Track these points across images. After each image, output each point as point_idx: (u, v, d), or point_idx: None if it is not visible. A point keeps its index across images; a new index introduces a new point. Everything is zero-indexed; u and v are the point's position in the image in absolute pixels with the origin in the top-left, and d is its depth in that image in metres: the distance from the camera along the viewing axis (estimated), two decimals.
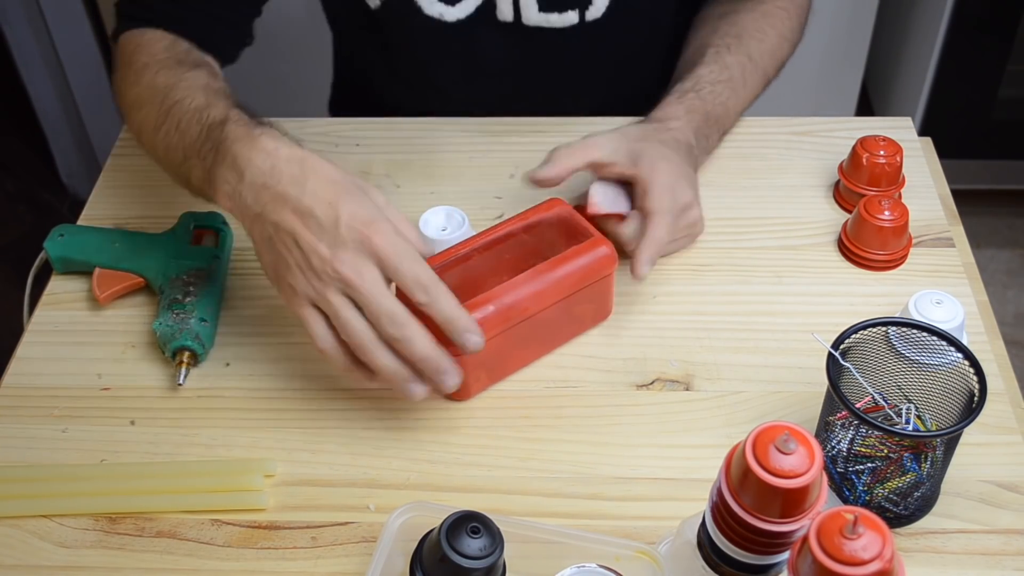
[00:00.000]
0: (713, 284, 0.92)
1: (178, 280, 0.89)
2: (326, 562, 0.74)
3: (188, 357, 0.85)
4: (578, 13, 1.03)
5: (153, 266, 0.91)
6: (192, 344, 0.85)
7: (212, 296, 0.89)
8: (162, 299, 0.88)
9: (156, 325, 0.86)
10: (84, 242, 0.93)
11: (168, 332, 0.85)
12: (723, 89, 0.98)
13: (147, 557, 0.75)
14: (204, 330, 0.86)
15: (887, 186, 0.95)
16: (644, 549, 0.67)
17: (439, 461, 0.80)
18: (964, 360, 0.70)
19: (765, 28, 1.03)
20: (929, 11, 1.99)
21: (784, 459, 0.53)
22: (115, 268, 0.91)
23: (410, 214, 0.98)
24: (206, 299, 0.88)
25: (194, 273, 0.89)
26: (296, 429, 0.82)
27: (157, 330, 0.85)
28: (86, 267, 0.92)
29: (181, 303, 0.87)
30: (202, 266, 0.90)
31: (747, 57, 1.00)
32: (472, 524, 0.63)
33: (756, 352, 0.86)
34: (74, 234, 0.94)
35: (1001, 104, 2.03)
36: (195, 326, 0.85)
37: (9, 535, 0.76)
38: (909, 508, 0.74)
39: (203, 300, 0.88)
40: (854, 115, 2.13)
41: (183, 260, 0.90)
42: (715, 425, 0.81)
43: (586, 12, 1.03)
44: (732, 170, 1.03)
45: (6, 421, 0.84)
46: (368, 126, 1.09)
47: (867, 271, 0.93)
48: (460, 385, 0.75)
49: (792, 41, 1.06)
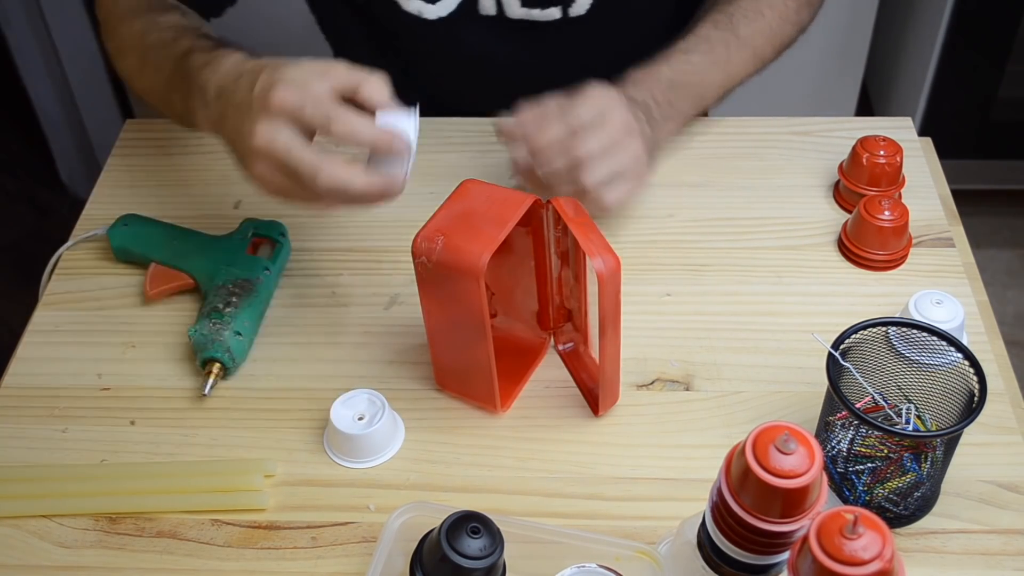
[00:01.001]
0: (713, 284, 0.92)
1: (223, 288, 0.87)
2: (326, 562, 0.74)
3: (217, 369, 0.84)
4: (561, 9, 1.03)
5: (204, 269, 0.90)
6: (222, 357, 0.84)
7: (253, 309, 0.88)
8: (204, 305, 0.87)
9: (192, 332, 0.85)
10: (146, 235, 0.93)
11: (202, 341, 0.84)
12: (699, 60, 0.96)
13: (147, 557, 0.75)
14: (237, 344, 0.85)
15: (887, 186, 0.95)
16: (644, 549, 0.67)
17: (439, 461, 0.80)
18: (964, 360, 0.70)
19: (762, 9, 1.01)
20: (929, 11, 1.99)
21: (784, 459, 0.53)
22: (169, 265, 0.91)
23: (410, 213, 0.98)
24: (246, 312, 0.87)
25: (240, 283, 0.88)
26: (296, 429, 0.82)
27: (192, 336, 0.85)
28: (143, 260, 0.91)
29: (220, 312, 0.85)
30: (250, 277, 0.89)
31: (733, 35, 0.98)
32: (472, 524, 0.63)
33: (756, 352, 0.86)
34: (137, 225, 0.94)
35: (1001, 104, 2.03)
36: (229, 339, 0.84)
37: (9, 535, 0.76)
38: (909, 508, 0.74)
39: (243, 313, 0.86)
40: (854, 115, 2.13)
41: (233, 268, 0.89)
42: (715, 425, 0.81)
43: (569, 8, 1.03)
44: (732, 170, 1.03)
45: (6, 421, 0.84)
46: None
47: (867, 271, 0.93)
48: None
49: (797, 23, 1.03)
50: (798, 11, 1.03)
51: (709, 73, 0.97)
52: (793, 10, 1.03)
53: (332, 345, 0.88)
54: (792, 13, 1.02)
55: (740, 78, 1.00)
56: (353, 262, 0.95)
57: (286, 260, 0.94)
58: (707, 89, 0.97)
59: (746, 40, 0.99)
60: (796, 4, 1.03)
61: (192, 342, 0.85)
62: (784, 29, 1.02)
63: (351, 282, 0.93)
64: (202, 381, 0.84)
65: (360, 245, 0.96)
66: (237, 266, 0.90)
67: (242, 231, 0.93)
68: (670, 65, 0.95)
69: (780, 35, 1.02)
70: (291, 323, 0.90)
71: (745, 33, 0.99)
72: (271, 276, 0.91)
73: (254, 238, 0.93)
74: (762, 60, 1.01)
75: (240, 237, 0.92)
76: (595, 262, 0.71)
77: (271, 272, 0.91)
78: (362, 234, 0.98)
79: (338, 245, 0.97)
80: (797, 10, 1.03)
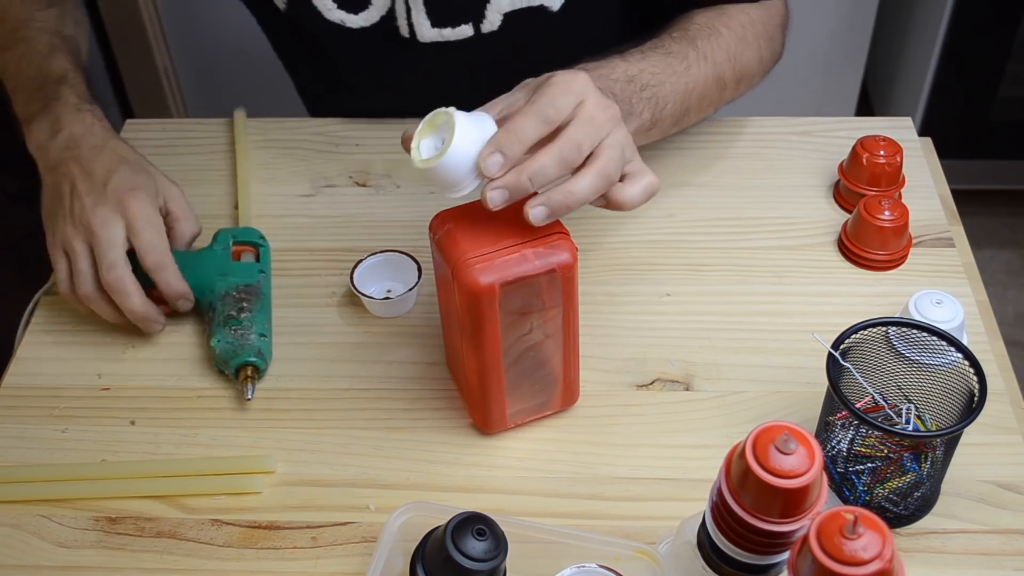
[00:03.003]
0: (713, 284, 0.92)
1: (229, 296, 0.87)
2: (326, 562, 0.74)
3: (252, 371, 0.84)
4: (472, 27, 1.00)
5: (198, 284, 0.89)
6: (256, 360, 0.84)
7: (265, 311, 0.88)
8: (215, 316, 0.87)
9: (215, 343, 0.85)
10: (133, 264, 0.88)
11: (229, 349, 0.84)
12: (657, 62, 0.88)
13: (147, 557, 0.75)
14: (264, 344, 0.85)
15: (887, 186, 0.95)
16: (644, 549, 0.67)
17: (439, 461, 0.80)
18: (964, 360, 0.70)
19: (718, 27, 0.94)
20: (929, 11, 1.99)
21: (784, 459, 0.53)
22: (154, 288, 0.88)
23: (411, 214, 0.99)
24: (261, 314, 0.87)
25: (244, 289, 0.88)
26: (296, 429, 0.82)
27: (216, 347, 0.84)
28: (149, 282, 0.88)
29: (237, 319, 0.86)
30: (251, 282, 0.89)
31: (692, 47, 0.91)
32: (478, 526, 0.63)
33: (756, 352, 0.86)
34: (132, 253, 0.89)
35: (1001, 104, 2.03)
36: (256, 341, 0.85)
37: (9, 535, 0.76)
38: (909, 508, 0.74)
39: (259, 315, 0.87)
40: (854, 115, 2.13)
41: (229, 277, 0.89)
42: (715, 425, 0.81)
43: (481, 25, 1.00)
44: (732, 170, 1.03)
45: (6, 421, 0.84)
46: (368, 126, 1.09)
47: (867, 271, 0.93)
48: None
49: (756, 51, 0.97)
50: (756, 39, 0.97)
51: (668, 78, 0.88)
52: (752, 36, 0.96)
53: (332, 345, 0.88)
54: (751, 39, 0.96)
55: (698, 95, 0.92)
56: (353, 262, 0.95)
57: (270, 262, 0.94)
58: (665, 97, 0.88)
59: (705, 53, 0.92)
60: (754, 32, 0.97)
61: (216, 353, 0.85)
62: (743, 52, 0.95)
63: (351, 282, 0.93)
64: (241, 387, 0.84)
65: (360, 245, 0.96)
66: (232, 274, 0.89)
67: (221, 241, 0.92)
68: (626, 61, 0.86)
69: (739, 57, 0.95)
70: (291, 323, 0.90)
71: (704, 47, 0.92)
72: (267, 278, 0.91)
73: (235, 245, 0.92)
74: (721, 80, 0.93)
75: (222, 247, 0.92)
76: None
77: (266, 274, 0.91)
78: (362, 234, 0.98)
79: (338, 245, 0.97)
80: (756, 38, 0.97)
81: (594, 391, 0.84)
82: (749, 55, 0.96)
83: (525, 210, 0.70)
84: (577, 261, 0.71)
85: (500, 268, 0.69)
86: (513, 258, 0.69)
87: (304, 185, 1.03)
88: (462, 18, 1.00)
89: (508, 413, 0.79)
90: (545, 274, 0.70)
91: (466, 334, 0.73)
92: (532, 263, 0.70)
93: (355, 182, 1.03)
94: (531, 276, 0.70)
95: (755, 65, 0.97)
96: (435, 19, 1.00)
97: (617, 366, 0.86)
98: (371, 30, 1.01)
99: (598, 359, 0.86)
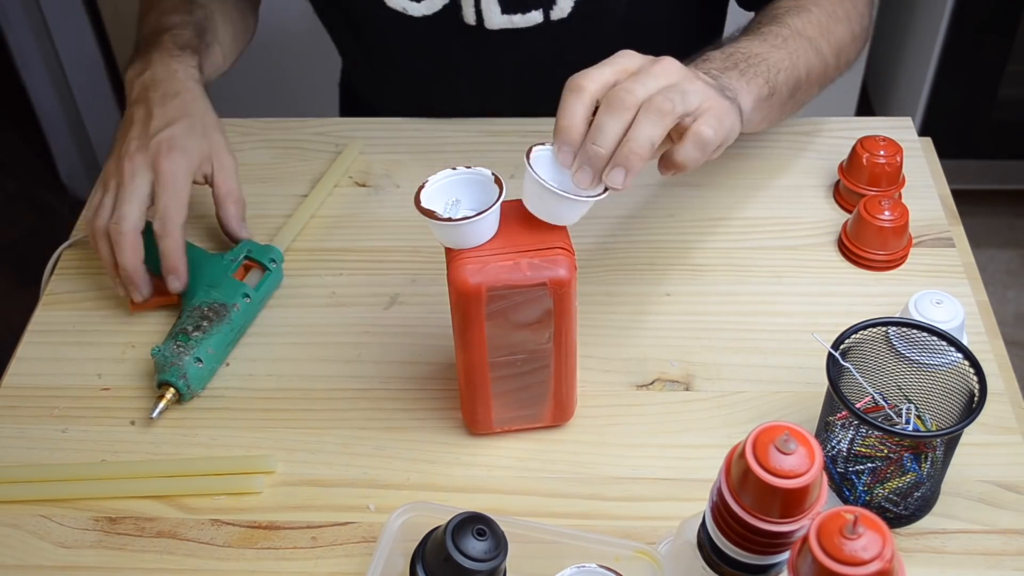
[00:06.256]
0: (713, 284, 0.92)
1: (197, 310, 0.86)
2: (326, 562, 0.74)
3: (171, 394, 0.82)
4: (542, 12, 1.01)
5: (189, 286, 0.88)
6: (177, 383, 0.82)
7: (222, 337, 0.85)
8: (175, 324, 0.86)
9: (155, 351, 0.83)
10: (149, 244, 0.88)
11: (161, 361, 0.82)
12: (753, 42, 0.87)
13: (147, 557, 0.75)
14: (195, 371, 0.82)
15: (887, 186, 0.95)
16: (644, 549, 0.67)
17: (439, 461, 0.80)
18: (964, 360, 0.70)
19: (806, 5, 0.93)
20: (929, 11, 1.99)
21: (784, 459, 0.53)
22: (159, 276, 0.88)
23: (411, 214, 0.98)
24: (213, 339, 0.84)
25: (215, 307, 0.86)
26: (296, 429, 0.82)
27: (154, 355, 0.83)
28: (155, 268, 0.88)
29: (187, 335, 0.84)
30: (226, 302, 0.86)
31: (784, 26, 0.90)
32: (478, 526, 0.63)
33: (756, 352, 0.86)
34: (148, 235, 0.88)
35: (1001, 104, 2.03)
36: (187, 365, 0.82)
37: (9, 535, 0.76)
38: (909, 508, 0.74)
39: (209, 339, 0.84)
40: (854, 115, 2.13)
41: (214, 290, 0.87)
42: (715, 425, 0.81)
43: (551, 11, 1.01)
44: (732, 170, 1.03)
45: (6, 421, 0.84)
46: (368, 126, 1.09)
47: (867, 271, 0.93)
48: None
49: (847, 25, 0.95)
50: (847, 15, 0.96)
51: (769, 52, 0.86)
52: (842, 12, 0.96)
53: (332, 345, 0.88)
54: (841, 15, 0.95)
55: (804, 66, 0.90)
56: (353, 262, 0.95)
57: (274, 287, 0.91)
58: (773, 64, 0.85)
59: (798, 29, 0.90)
60: (844, 9, 0.96)
61: (154, 361, 0.84)
62: (835, 28, 0.94)
63: (351, 282, 0.93)
64: (153, 403, 0.82)
65: (360, 245, 0.96)
66: (218, 289, 0.87)
67: (236, 252, 0.91)
68: (719, 49, 0.85)
69: (832, 32, 0.94)
70: (291, 323, 0.90)
71: (795, 24, 0.91)
72: (251, 305, 0.88)
73: (246, 260, 0.91)
74: (821, 54, 0.92)
75: (232, 258, 0.90)
76: None
77: (251, 300, 0.88)
78: (362, 234, 0.98)
79: (338, 245, 0.97)
80: (846, 13, 0.96)
81: (594, 391, 0.84)
82: (841, 30, 0.95)
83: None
84: (575, 279, 0.70)
85: (490, 272, 0.69)
86: (506, 265, 0.69)
87: (304, 185, 1.03)
88: (533, 4, 1.00)
89: (494, 418, 0.79)
90: (535, 286, 0.69)
91: (455, 330, 0.73)
92: (523, 273, 0.69)
93: (355, 182, 1.03)
94: (519, 286, 0.69)
95: (848, 40, 0.97)
96: (505, 5, 1.00)
97: (617, 366, 0.86)
98: (433, 18, 1.02)
99: (598, 359, 0.86)
